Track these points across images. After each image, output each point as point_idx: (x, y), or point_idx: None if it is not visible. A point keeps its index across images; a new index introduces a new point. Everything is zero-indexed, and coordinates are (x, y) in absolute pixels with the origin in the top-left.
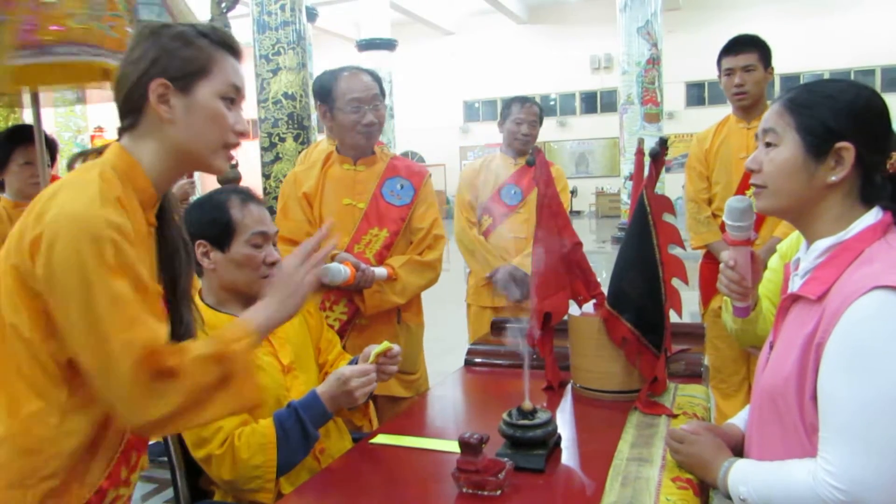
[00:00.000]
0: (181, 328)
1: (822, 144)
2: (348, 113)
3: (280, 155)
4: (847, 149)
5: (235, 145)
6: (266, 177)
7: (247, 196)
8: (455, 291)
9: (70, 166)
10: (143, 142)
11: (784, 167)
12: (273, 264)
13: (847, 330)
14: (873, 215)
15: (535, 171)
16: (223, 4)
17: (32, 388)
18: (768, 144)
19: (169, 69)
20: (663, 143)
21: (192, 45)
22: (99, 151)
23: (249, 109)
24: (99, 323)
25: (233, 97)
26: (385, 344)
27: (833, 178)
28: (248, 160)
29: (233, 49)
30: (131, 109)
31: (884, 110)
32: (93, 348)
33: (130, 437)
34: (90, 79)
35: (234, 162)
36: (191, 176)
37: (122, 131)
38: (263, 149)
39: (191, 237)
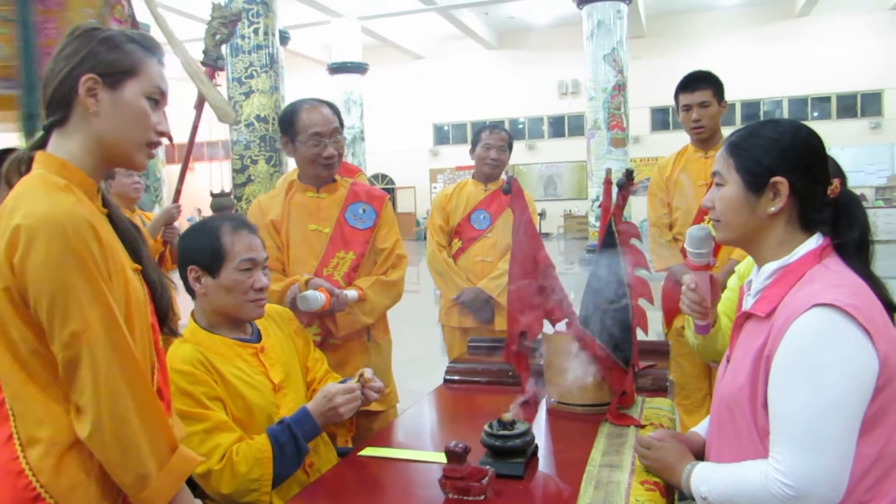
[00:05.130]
0: (158, 290)
1: (758, 181)
2: (310, 146)
3: (252, 177)
4: (781, 183)
5: (157, 144)
6: (238, 199)
7: (238, 223)
8: (427, 313)
9: (7, 177)
10: (70, 138)
11: (730, 203)
12: (261, 289)
13: (792, 343)
14: (814, 241)
15: (511, 198)
16: (217, 37)
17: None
18: (718, 185)
19: (98, 66)
20: (629, 175)
21: (121, 48)
22: (28, 158)
23: (221, 131)
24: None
25: (157, 98)
26: (358, 373)
27: (772, 209)
28: (221, 182)
29: (159, 55)
30: (60, 103)
31: (817, 146)
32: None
33: None
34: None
35: (227, 190)
36: (177, 200)
37: (49, 127)
38: (235, 171)
39: (183, 263)
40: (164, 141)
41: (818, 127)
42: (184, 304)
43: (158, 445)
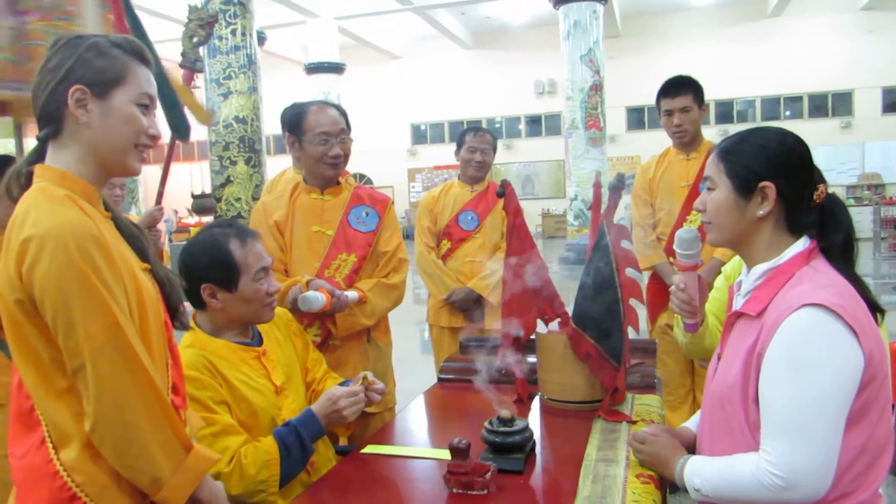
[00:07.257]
0: (167, 286)
1: (747, 185)
2: (316, 145)
3: (231, 178)
4: (769, 187)
5: (148, 146)
6: (217, 200)
7: (242, 232)
8: (408, 312)
9: (7, 190)
10: (66, 148)
11: (721, 206)
12: (274, 293)
13: (782, 341)
14: (802, 243)
15: (505, 201)
16: (194, 39)
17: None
18: (709, 189)
19: (86, 77)
20: (621, 179)
21: (107, 56)
22: (27, 172)
23: (200, 132)
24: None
25: (146, 104)
26: (360, 376)
27: (761, 213)
28: (201, 182)
29: (145, 60)
30: (51, 115)
31: (803, 153)
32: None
33: None
34: None
35: (208, 192)
36: (159, 203)
37: (43, 140)
38: (214, 172)
39: (195, 281)
40: (193, 163)
41: (790, 126)
42: None
43: (172, 448)
